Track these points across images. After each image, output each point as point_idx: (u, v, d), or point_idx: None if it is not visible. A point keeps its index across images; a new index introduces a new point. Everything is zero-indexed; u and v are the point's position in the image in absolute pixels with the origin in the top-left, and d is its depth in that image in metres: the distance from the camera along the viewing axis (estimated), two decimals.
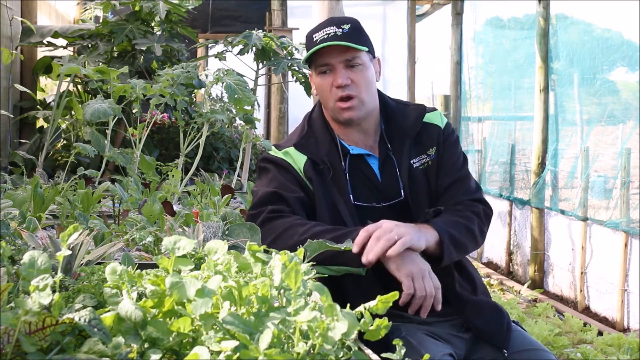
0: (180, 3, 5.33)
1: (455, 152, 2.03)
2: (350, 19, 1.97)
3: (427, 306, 1.70)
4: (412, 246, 1.71)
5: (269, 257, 1.16)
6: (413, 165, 1.97)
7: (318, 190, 1.89)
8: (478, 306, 1.93)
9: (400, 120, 2.01)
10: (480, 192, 2.02)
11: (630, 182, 5.25)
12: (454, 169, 1.99)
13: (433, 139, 2.00)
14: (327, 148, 1.95)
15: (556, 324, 4.80)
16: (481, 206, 1.97)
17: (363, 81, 1.92)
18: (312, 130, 2.00)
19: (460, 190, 1.97)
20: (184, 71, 4.04)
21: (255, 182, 2.05)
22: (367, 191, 1.94)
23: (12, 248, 1.57)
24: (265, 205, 1.86)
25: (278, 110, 7.53)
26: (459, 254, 1.87)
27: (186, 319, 1.00)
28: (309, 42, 1.95)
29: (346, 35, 1.89)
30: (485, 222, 1.97)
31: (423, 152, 1.99)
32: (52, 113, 4.28)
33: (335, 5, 4.28)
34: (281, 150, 1.96)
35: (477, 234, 1.92)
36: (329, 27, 1.90)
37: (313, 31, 1.95)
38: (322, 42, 1.88)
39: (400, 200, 1.94)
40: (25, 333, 0.93)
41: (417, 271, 1.70)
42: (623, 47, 5.70)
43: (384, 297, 1.09)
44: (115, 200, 2.93)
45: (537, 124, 6.47)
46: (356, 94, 1.91)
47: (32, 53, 5.75)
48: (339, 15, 4.31)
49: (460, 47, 8.42)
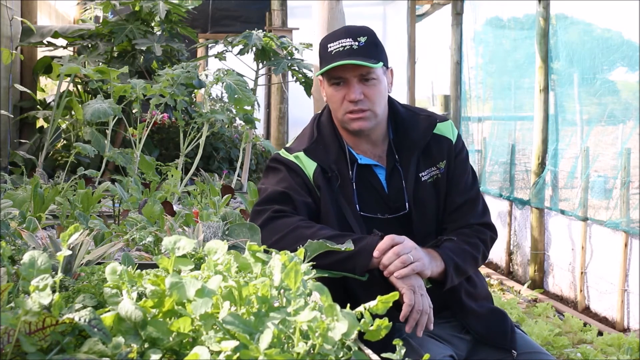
0: (180, 3, 5.33)
1: (466, 169, 2.01)
2: (366, 29, 1.93)
3: (422, 323, 1.71)
4: (420, 272, 1.74)
5: (269, 257, 1.16)
6: (422, 178, 1.95)
7: (326, 197, 1.88)
8: (479, 313, 1.93)
9: (409, 131, 1.97)
10: (488, 216, 2.03)
11: (630, 182, 5.25)
12: (465, 189, 1.98)
13: (443, 153, 1.97)
14: (336, 156, 1.93)
15: (556, 324, 4.80)
16: (489, 232, 1.98)
17: (376, 96, 1.89)
18: (321, 136, 1.97)
19: (470, 213, 1.96)
20: (184, 71, 4.05)
21: (261, 179, 2.02)
22: (373, 202, 1.93)
23: (12, 248, 1.57)
24: (272, 203, 1.85)
25: (278, 110, 7.53)
26: (459, 279, 1.90)
27: (186, 319, 1.00)
28: (323, 51, 1.90)
29: (362, 49, 1.86)
30: (489, 248, 1.99)
31: (433, 165, 1.96)
32: (52, 113, 4.28)
33: (335, 5, 4.28)
34: (292, 154, 1.93)
35: (479, 262, 1.96)
36: (345, 39, 1.86)
37: (328, 40, 1.91)
38: (338, 54, 1.85)
39: (404, 213, 1.93)
40: (25, 333, 0.93)
41: (418, 286, 1.73)
42: (623, 47, 5.70)
43: (384, 297, 1.09)
44: (115, 200, 2.94)
45: (537, 124, 6.47)
46: (369, 107, 1.88)
47: (32, 53, 5.75)
48: (339, 15, 4.31)
49: (460, 47, 8.42)
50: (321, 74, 1.93)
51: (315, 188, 1.89)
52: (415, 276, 1.73)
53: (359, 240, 1.74)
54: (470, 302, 1.94)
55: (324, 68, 1.87)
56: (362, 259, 1.73)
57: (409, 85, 8.67)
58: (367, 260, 1.73)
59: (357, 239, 1.73)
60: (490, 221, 2.02)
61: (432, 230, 1.95)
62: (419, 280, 1.74)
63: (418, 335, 1.71)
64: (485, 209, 2.02)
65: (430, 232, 1.94)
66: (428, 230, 1.93)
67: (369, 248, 1.74)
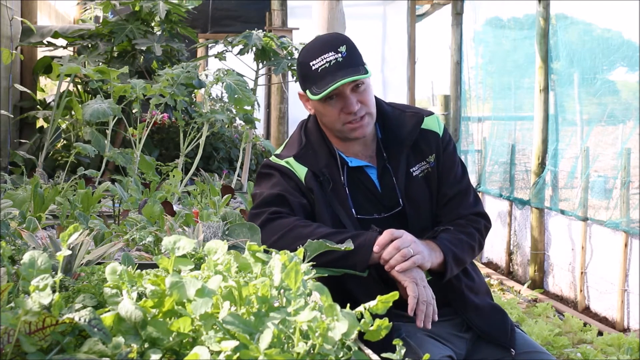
0: (180, 3, 5.33)
1: (455, 161, 2.03)
2: (342, 37, 1.91)
3: (429, 314, 1.72)
4: (420, 265, 1.76)
5: (269, 257, 1.16)
6: (413, 174, 1.96)
7: (320, 201, 1.89)
8: (480, 308, 1.95)
9: (397, 129, 1.99)
10: (481, 205, 2.05)
11: (630, 182, 5.25)
12: (455, 181, 2.00)
13: (432, 147, 1.99)
14: (326, 160, 1.94)
15: (556, 324, 4.80)
16: (482, 221, 2.00)
17: (369, 100, 1.90)
18: (309, 142, 1.97)
19: (462, 204, 1.99)
20: (184, 71, 4.05)
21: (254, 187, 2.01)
22: (368, 203, 1.94)
23: (12, 248, 1.57)
24: (268, 206, 1.85)
25: (278, 110, 7.53)
26: (458, 268, 1.91)
27: (186, 319, 1.00)
28: (306, 69, 1.87)
29: (347, 60, 1.84)
30: (484, 236, 2.01)
31: (422, 160, 1.98)
32: (52, 113, 4.28)
33: (335, 5, 4.28)
34: (283, 160, 1.94)
35: (476, 250, 1.98)
36: (327, 53, 1.84)
37: (307, 57, 1.87)
38: (325, 71, 1.83)
39: (399, 209, 1.94)
40: (25, 333, 0.93)
41: (419, 278, 1.74)
42: (623, 47, 5.70)
43: (384, 297, 1.09)
44: (115, 200, 2.94)
45: (537, 124, 6.47)
46: (365, 112, 1.89)
47: (32, 53, 5.75)
48: (339, 15, 4.31)
49: (460, 47, 8.42)
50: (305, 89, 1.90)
51: (309, 191, 1.90)
52: (416, 269, 1.75)
53: (358, 237, 1.75)
54: (471, 295, 1.95)
55: (322, 91, 1.83)
56: (362, 255, 1.74)
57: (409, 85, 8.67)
58: (367, 256, 1.74)
59: (355, 235, 1.75)
60: (483, 210, 2.04)
61: (428, 225, 1.96)
62: (420, 273, 1.75)
63: (427, 327, 1.72)
64: (477, 199, 2.05)
65: (426, 226, 1.95)
66: (424, 225, 1.95)
67: (368, 244, 1.75)
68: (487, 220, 2.03)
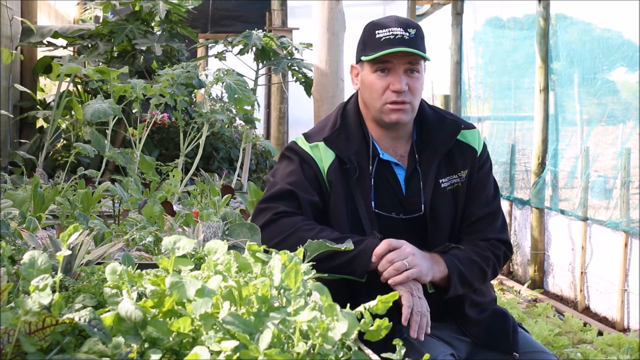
0: (180, 3, 5.33)
1: (489, 182, 1.98)
2: (415, 23, 1.88)
3: (422, 325, 1.70)
4: (417, 278, 1.73)
5: (269, 257, 1.16)
6: (441, 185, 1.90)
7: (339, 192, 1.84)
8: (481, 321, 1.91)
9: (433, 133, 1.93)
10: (506, 232, 1.99)
11: (630, 182, 5.24)
12: (485, 202, 1.95)
13: (467, 162, 1.93)
14: (357, 146, 1.89)
15: (556, 324, 4.80)
16: (503, 248, 1.94)
17: (418, 89, 1.86)
18: (344, 124, 1.92)
19: (489, 227, 1.93)
20: (184, 71, 4.05)
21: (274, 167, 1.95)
22: (389, 201, 1.89)
23: (12, 248, 1.57)
24: (276, 201, 1.82)
25: (278, 110, 7.54)
26: (465, 289, 1.86)
27: (186, 319, 0.99)
28: (369, 37, 1.85)
29: (412, 41, 1.81)
30: (501, 264, 1.95)
31: (454, 173, 1.92)
32: (52, 113, 4.28)
33: (335, 5, 4.27)
34: (311, 143, 1.89)
35: (488, 276, 1.92)
36: (396, 28, 1.81)
37: (375, 27, 1.85)
38: (388, 42, 1.80)
39: (419, 215, 1.89)
40: (25, 333, 0.93)
41: (415, 288, 1.72)
42: (623, 47, 5.70)
43: (384, 297, 1.09)
44: (115, 200, 2.94)
45: (537, 124, 6.47)
46: (409, 100, 1.84)
47: (32, 53, 5.75)
48: (339, 15, 4.30)
49: (460, 47, 8.41)
50: (360, 59, 1.88)
51: (327, 183, 1.86)
52: (412, 280, 1.73)
53: (359, 243, 1.73)
54: (473, 312, 1.91)
55: (376, 52, 1.81)
56: (361, 262, 1.73)
57: None
58: (366, 263, 1.73)
59: (356, 242, 1.72)
60: (508, 238, 1.98)
61: (445, 237, 1.90)
62: (416, 283, 1.73)
63: (419, 339, 1.70)
64: (504, 225, 1.99)
65: (443, 237, 1.90)
66: (442, 236, 1.90)
67: (367, 251, 1.73)
68: (509, 249, 1.96)
